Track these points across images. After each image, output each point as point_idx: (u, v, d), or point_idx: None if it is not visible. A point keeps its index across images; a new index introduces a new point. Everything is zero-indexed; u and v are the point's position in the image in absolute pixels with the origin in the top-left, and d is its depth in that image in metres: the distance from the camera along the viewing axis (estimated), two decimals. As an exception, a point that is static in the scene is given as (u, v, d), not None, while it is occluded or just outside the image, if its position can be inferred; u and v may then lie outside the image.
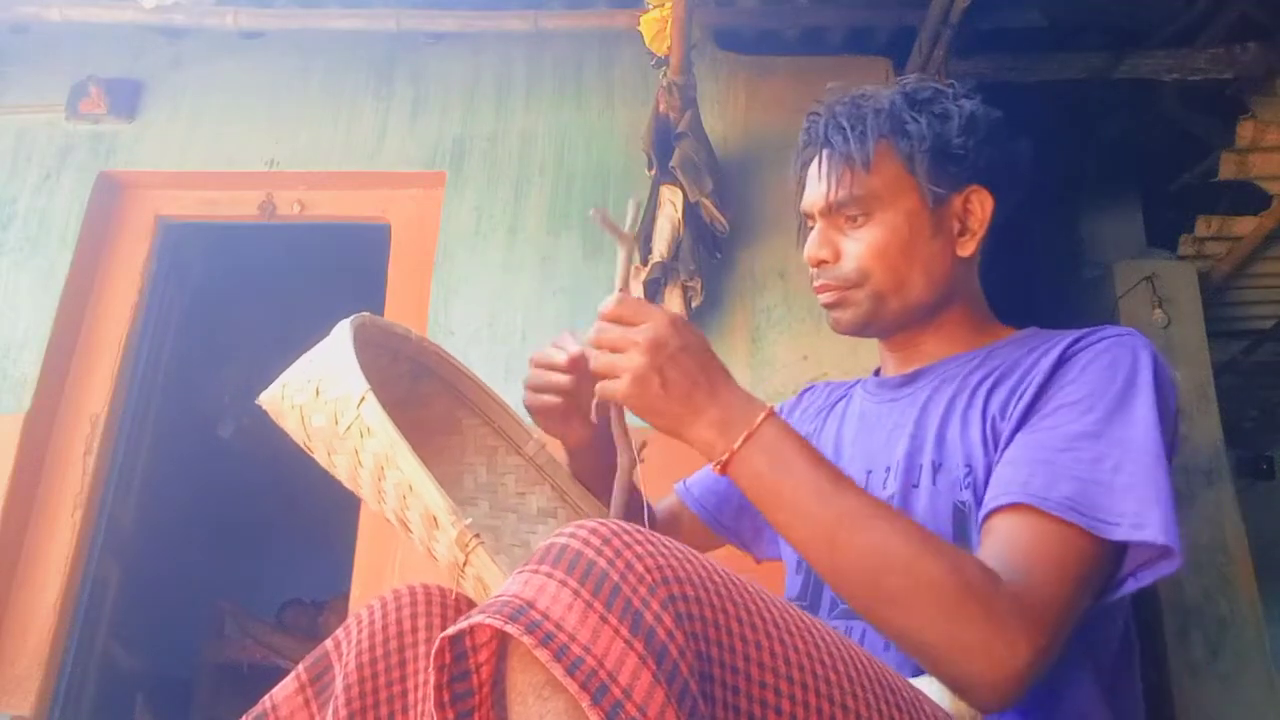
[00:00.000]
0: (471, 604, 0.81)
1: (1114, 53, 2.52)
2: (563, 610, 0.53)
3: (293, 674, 0.81)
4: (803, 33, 2.56)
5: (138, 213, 2.68)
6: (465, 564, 0.73)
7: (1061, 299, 3.41)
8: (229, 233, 2.87)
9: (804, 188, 1.02)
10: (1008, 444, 0.85)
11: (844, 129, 0.96)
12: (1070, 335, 0.90)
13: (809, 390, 1.24)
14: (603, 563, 0.56)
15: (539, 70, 2.66)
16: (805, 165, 1.03)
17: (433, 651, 0.57)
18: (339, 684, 0.77)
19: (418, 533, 0.78)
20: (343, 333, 0.85)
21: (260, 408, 0.86)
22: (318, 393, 0.81)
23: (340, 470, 0.83)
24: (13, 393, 2.40)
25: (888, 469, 0.95)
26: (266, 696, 0.80)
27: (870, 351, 1.10)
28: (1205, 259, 3.14)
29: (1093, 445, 0.79)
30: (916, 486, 0.92)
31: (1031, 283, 3.50)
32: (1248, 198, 2.94)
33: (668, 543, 0.59)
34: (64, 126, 2.69)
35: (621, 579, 0.55)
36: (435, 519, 0.74)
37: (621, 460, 0.87)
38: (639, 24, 2.15)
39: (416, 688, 0.76)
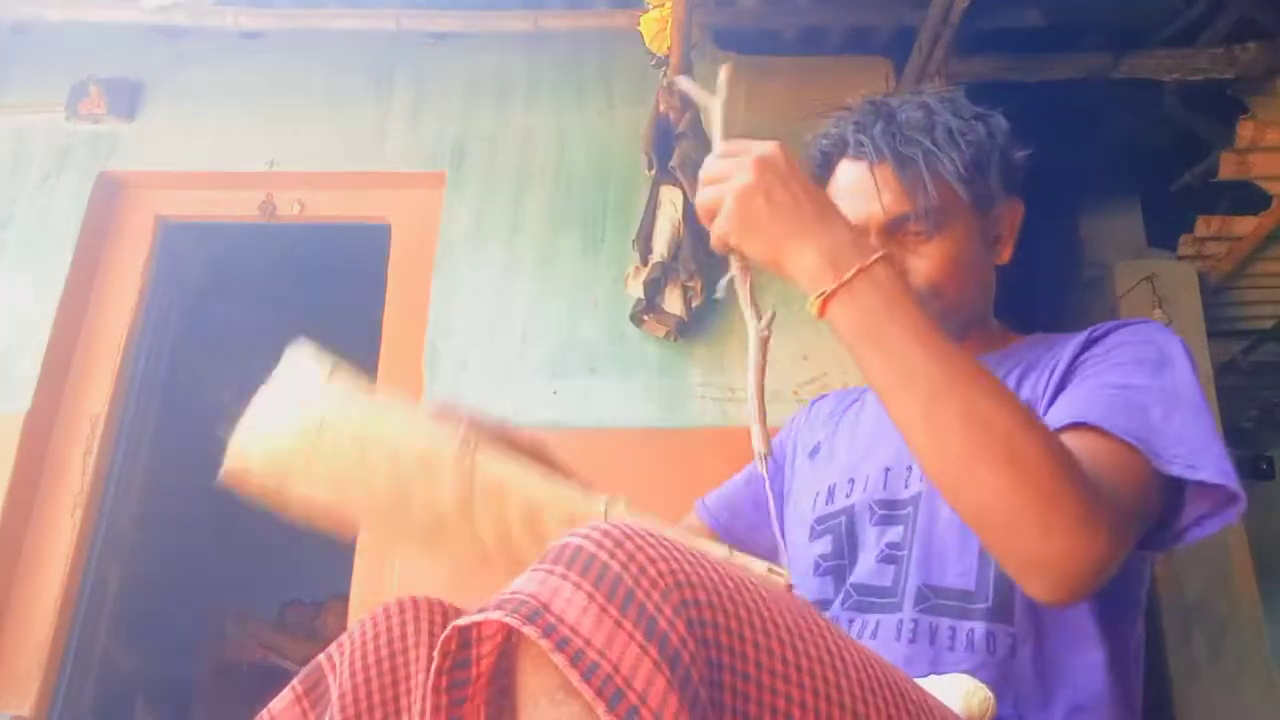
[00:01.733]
0: (461, 614, 0.81)
1: (1114, 53, 2.52)
2: (578, 614, 0.53)
3: (289, 687, 0.81)
4: (803, 33, 2.55)
5: (138, 213, 2.67)
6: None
7: (1061, 299, 3.40)
8: (229, 233, 2.86)
9: (848, 201, 0.97)
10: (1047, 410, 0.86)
11: (909, 141, 0.94)
12: (1088, 328, 0.92)
13: (820, 400, 1.24)
14: (616, 566, 0.55)
15: (539, 70, 2.66)
16: (829, 177, 1.01)
17: (442, 636, 0.56)
18: (334, 694, 0.77)
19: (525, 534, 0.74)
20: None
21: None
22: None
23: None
24: (13, 393, 2.40)
25: (909, 467, 0.95)
26: (264, 711, 0.80)
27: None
28: (1205, 259, 3.13)
29: (1141, 394, 0.80)
30: None
31: (1031, 283, 3.50)
32: (1248, 198, 2.94)
33: (679, 546, 0.59)
34: (64, 126, 2.68)
35: (635, 583, 0.54)
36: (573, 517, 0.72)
37: (750, 334, 0.84)
38: (639, 24, 2.15)
39: (409, 692, 0.76)
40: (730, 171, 0.78)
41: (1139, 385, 0.81)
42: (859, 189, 0.96)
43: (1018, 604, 0.84)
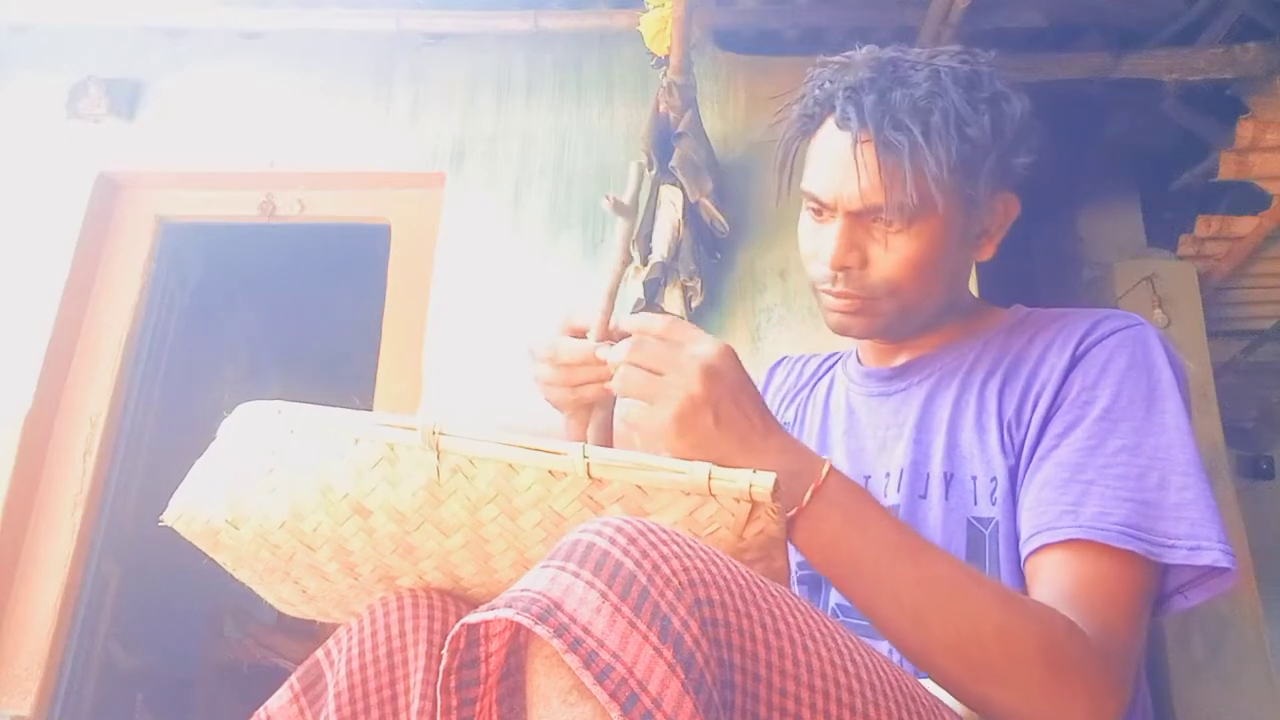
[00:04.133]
0: (460, 611, 0.81)
1: (1114, 53, 2.52)
2: (591, 613, 0.51)
3: (286, 684, 0.80)
4: (803, 33, 2.55)
5: (138, 213, 2.67)
6: (606, 483, 0.66)
7: (1061, 299, 3.40)
8: (229, 233, 2.86)
9: (824, 170, 0.88)
10: (1031, 455, 0.83)
11: (899, 126, 0.83)
12: (1076, 327, 0.87)
13: (778, 365, 1.16)
14: (630, 564, 0.54)
15: (539, 70, 2.66)
16: (816, 130, 0.91)
17: (450, 634, 0.55)
18: (330, 692, 0.77)
19: (529, 520, 0.70)
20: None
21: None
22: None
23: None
24: (13, 393, 2.40)
25: (888, 475, 0.91)
26: (261, 709, 0.79)
27: (870, 351, 1.09)
28: (1205, 259, 3.13)
29: (1132, 459, 0.78)
30: (924, 498, 0.88)
31: (1032, 283, 3.50)
32: (1248, 198, 2.94)
33: (692, 542, 0.58)
34: (64, 126, 2.68)
35: (649, 582, 0.53)
36: (551, 472, 0.66)
37: (614, 268, 0.81)
38: (639, 24, 2.15)
39: (407, 691, 0.75)
40: (667, 367, 0.72)
41: (1129, 446, 0.78)
42: (836, 164, 0.87)
43: None
